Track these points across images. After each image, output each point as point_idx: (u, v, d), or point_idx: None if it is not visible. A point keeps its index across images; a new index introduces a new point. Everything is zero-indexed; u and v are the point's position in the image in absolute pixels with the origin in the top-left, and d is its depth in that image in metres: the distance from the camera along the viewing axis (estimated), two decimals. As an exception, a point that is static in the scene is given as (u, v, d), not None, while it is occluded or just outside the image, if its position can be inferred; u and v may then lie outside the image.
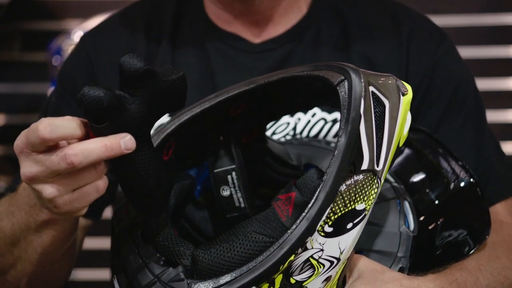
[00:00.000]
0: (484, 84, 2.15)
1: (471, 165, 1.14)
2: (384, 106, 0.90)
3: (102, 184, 0.85)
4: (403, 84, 0.95)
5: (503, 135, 2.14)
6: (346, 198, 0.86)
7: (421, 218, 1.07)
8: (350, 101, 0.88)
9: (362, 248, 0.99)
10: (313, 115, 1.26)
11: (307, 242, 0.85)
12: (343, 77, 0.90)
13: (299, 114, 1.26)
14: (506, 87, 2.20)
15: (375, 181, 0.88)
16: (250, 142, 1.10)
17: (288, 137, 1.25)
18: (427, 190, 1.11)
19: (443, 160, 1.15)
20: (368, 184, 0.87)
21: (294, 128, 1.25)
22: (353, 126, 0.87)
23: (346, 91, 0.89)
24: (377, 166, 0.88)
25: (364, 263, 0.95)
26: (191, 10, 1.31)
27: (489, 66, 2.19)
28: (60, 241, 1.06)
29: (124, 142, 0.82)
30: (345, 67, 0.91)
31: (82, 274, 2.14)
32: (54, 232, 1.04)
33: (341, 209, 0.86)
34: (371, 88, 0.90)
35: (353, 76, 0.90)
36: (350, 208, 0.87)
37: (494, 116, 2.15)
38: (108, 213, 1.41)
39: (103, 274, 1.94)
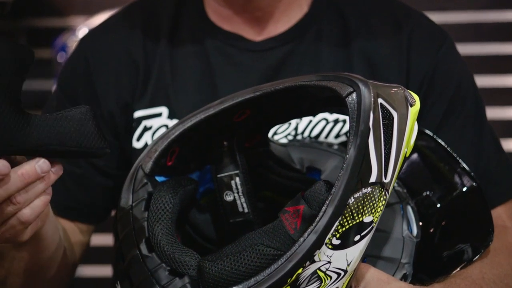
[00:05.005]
0: (487, 81, 2.15)
1: (471, 167, 1.14)
2: (393, 118, 0.91)
3: (26, 213, 0.87)
4: (411, 94, 0.95)
5: (507, 133, 2.14)
6: (354, 211, 0.86)
7: (423, 222, 1.07)
8: (359, 113, 0.88)
9: (365, 254, 0.99)
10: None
11: (315, 255, 0.85)
12: (352, 89, 0.90)
13: None
14: (510, 84, 2.19)
15: (383, 193, 0.88)
16: (253, 146, 1.10)
17: (290, 137, 1.25)
18: (429, 193, 1.11)
19: (445, 163, 1.15)
20: (376, 196, 0.88)
21: (296, 128, 1.25)
22: (362, 140, 0.87)
23: (355, 104, 0.89)
24: (385, 178, 0.89)
25: (370, 273, 0.95)
26: (190, 10, 1.31)
27: (493, 63, 2.18)
28: (40, 254, 1.07)
29: None
30: (354, 78, 0.91)
31: (87, 270, 2.14)
32: (28, 248, 1.06)
33: (349, 222, 0.86)
34: (380, 100, 0.90)
35: (362, 88, 0.90)
36: (358, 220, 0.87)
37: (498, 113, 2.15)
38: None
39: (107, 270, 1.94)
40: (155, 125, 1.26)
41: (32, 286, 1.14)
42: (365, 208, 0.87)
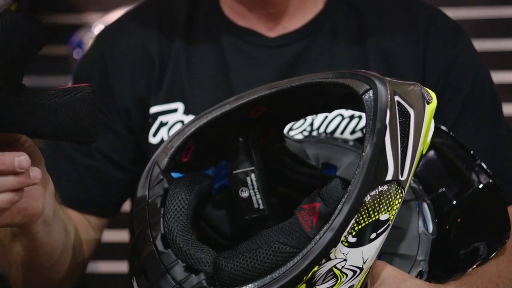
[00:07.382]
0: (504, 77, 2.13)
1: (487, 164, 1.14)
2: (409, 116, 0.90)
3: (3, 198, 0.82)
4: (428, 92, 0.95)
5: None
6: (370, 209, 0.86)
7: (439, 219, 1.07)
8: (376, 111, 0.88)
9: (381, 251, 0.99)
10: None
11: (330, 252, 0.85)
12: (368, 87, 0.90)
13: None
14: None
15: (399, 191, 0.88)
16: (268, 141, 1.10)
17: (305, 133, 1.25)
18: (445, 190, 1.11)
19: (462, 160, 1.15)
20: (392, 194, 0.88)
21: (311, 124, 1.25)
22: (378, 138, 0.87)
23: (372, 101, 0.89)
24: (402, 176, 0.89)
25: (386, 271, 0.95)
26: (205, 5, 1.31)
27: (510, 59, 2.17)
28: (34, 253, 1.06)
29: None
30: (371, 76, 0.91)
31: (103, 266, 2.15)
32: (20, 244, 1.05)
33: (365, 219, 0.86)
34: (397, 98, 0.90)
35: (379, 85, 0.89)
36: (374, 218, 0.87)
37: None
38: (126, 206, 1.41)
39: (123, 266, 1.95)
40: (171, 120, 1.26)
41: (34, 281, 1.14)
42: (381, 206, 0.87)
